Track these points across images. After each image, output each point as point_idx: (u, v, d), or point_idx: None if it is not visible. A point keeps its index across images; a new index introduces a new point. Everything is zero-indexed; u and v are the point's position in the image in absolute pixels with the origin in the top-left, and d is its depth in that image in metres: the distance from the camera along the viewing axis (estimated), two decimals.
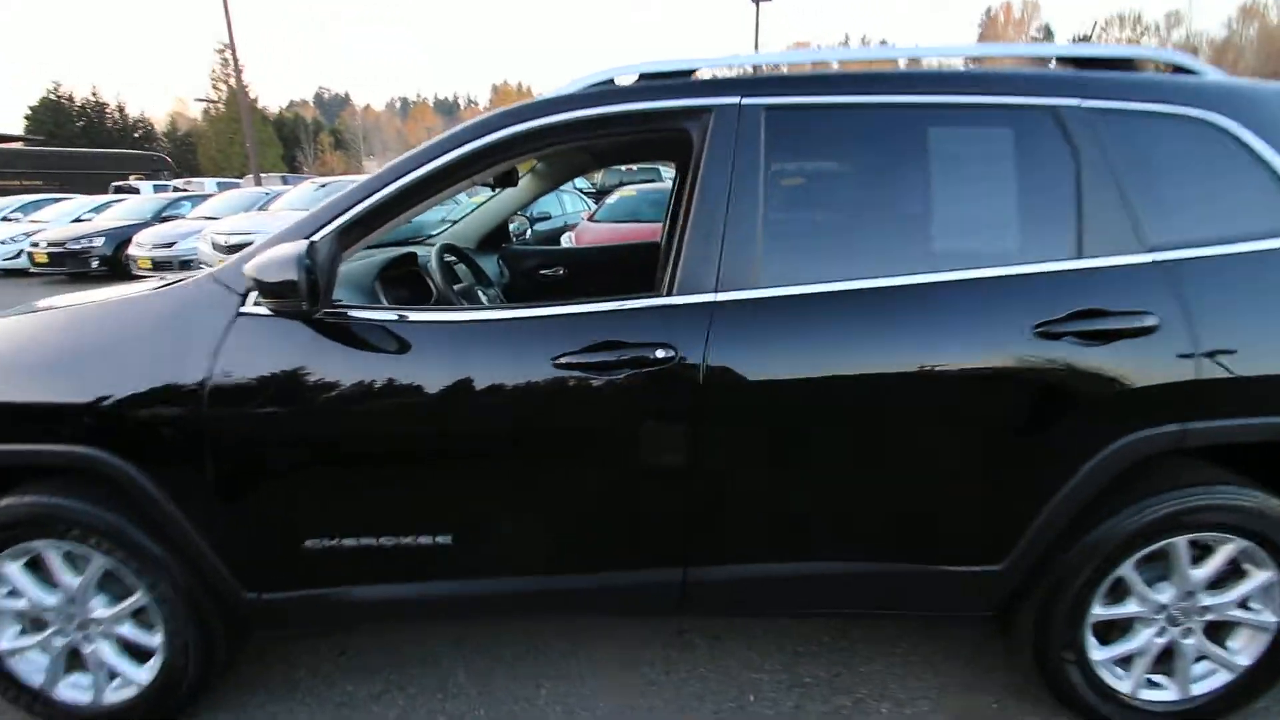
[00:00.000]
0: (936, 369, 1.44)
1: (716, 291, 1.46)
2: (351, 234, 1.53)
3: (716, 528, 1.55)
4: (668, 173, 19.63)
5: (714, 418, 1.46)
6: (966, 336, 1.44)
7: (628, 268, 3.22)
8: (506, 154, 1.55)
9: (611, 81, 1.62)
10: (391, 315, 1.53)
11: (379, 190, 1.52)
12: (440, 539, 1.55)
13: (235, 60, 14.23)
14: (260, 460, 1.52)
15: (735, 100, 1.52)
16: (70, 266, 10.48)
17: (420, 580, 1.59)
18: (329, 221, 1.51)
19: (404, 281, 2.19)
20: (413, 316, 1.52)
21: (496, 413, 1.49)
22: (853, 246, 1.51)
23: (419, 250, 2.28)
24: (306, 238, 1.47)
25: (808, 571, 1.57)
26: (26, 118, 44.81)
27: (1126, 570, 1.57)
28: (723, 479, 1.52)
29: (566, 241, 7.76)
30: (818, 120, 1.52)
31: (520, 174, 2.78)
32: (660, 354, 1.43)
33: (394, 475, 1.54)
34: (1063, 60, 1.75)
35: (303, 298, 1.35)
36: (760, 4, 14.23)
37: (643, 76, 1.63)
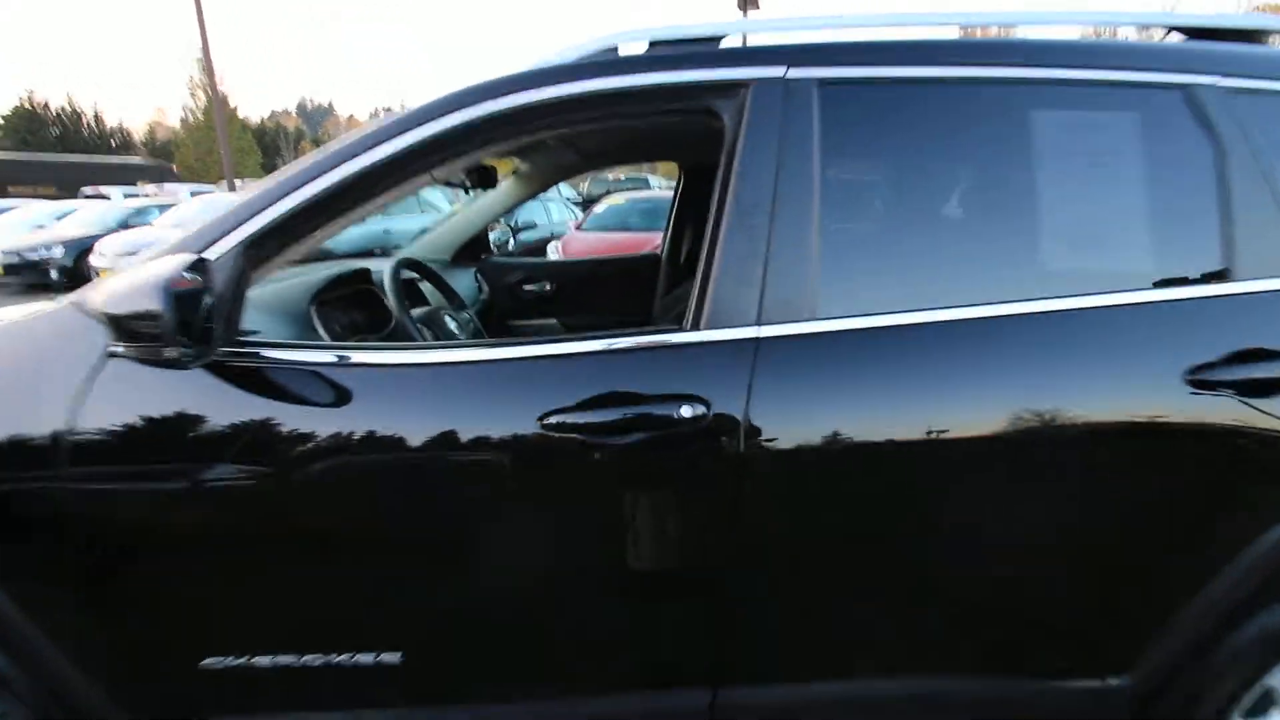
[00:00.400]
0: (1057, 425, 1.07)
1: (759, 324, 1.09)
2: (266, 246, 1.14)
3: (758, 637, 1.17)
4: (655, 181, 19.35)
5: (758, 496, 1.08)
6: (1097, 383, 1.08)
7: (624, 283, 2.85)
8: (477, 141, 1.17)
9: (615, 50, 1.26)
10: (322, 356, 1.14)
11: (305, 186, 1.13)
12: (387, 657, 1.15)
13: (208, 59, 13.72)
14: (135, 550, 1.12)
15: (780, 72, 1.15)
16: (27, 277, 9.91)
17: (362, 708, 1.19)
18: (232, 229, 1.11)
19: (358, 303, 1.80)
20: (354, 357, 1.13)
21: (463, 489, 1.11)
22: (938, 264, 1.14)
23: (374, 265, 1.88)
24: (198, 252, 1.08)
25: (880, 692, 1.20)
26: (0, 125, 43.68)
27: (1278, 679, 1.22)
28: (767, 575, 1.14)
29: (553, 252, 7.39)
30: (888, 99, 1.16)
31: (499, 177, 2.41)
32: (685, 412, 1.05)
33: (323, 573, 1.15)
34: (1174, 31, 1.41)
35: (169, 339, 0.96)
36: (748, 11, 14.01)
37: (655, 44, 1.26)
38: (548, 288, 2.82)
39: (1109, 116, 1.18)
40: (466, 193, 2.18)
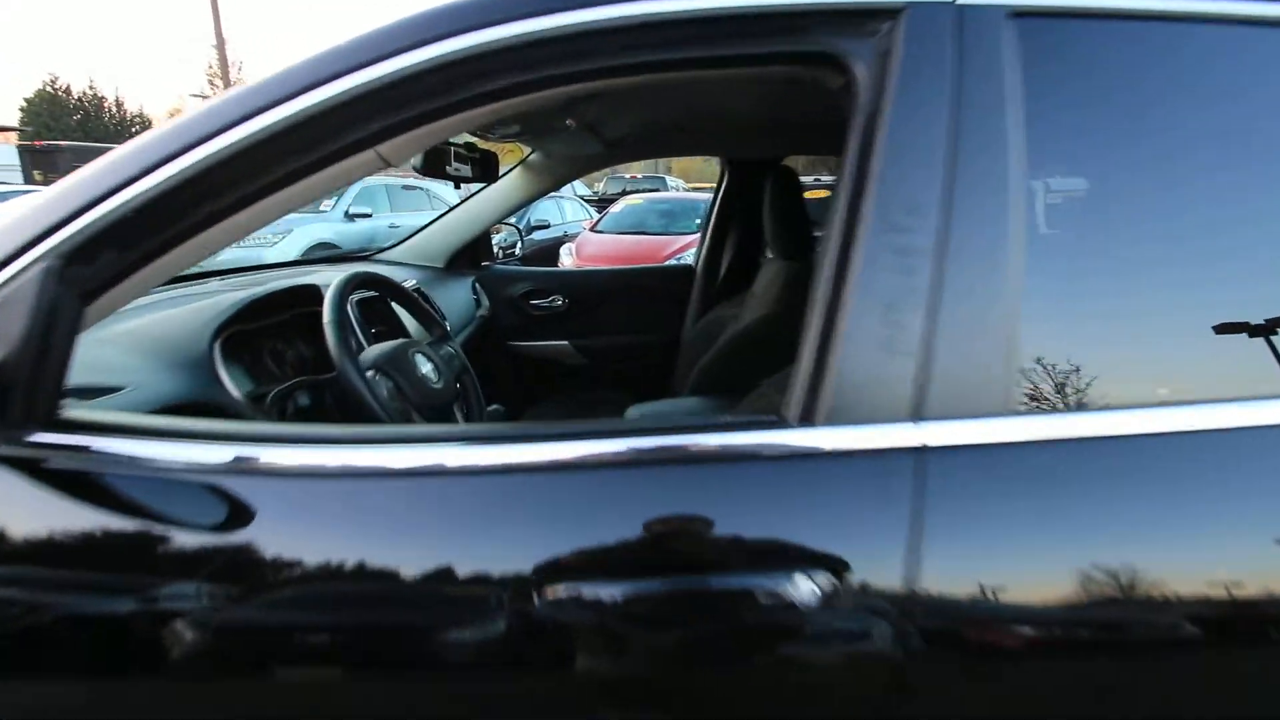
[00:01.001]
0: None
1: (919, 419, 0.63)
2: (103, 257, 0.69)
3: None
4: (672, 182, 18.48)
5: None
6: None
7: (650, 299, 2.39)
8: (429, 103, 0.70)
9: None
10: (210, 454, 0.67)
11: (176, 158, 0.68)
12: None
13: (222, 51, 13.46)
14: None
15: None
16: None
17: None
18: (34, 239, 0.66)
19: (303, 332, 1.34)
20: (263, 458, 0.68)
21: (412, 696, 0.66)
22: (1232, 317, 0.68)
23: (324, 279, 1.36)
24: None
25: None
26: (21, 109, 43.77)
27: None
28: None
29: (566, 254, 6.95)
30: (1133, 44, 0.69)
31: (497, 171, 1.95)
32: (801, 590, 0.59)
33: None
34: None
35: None
36: None
37: None
38: (559, 302, 2.37)
39: None
40: (456, 188, 1.73)
